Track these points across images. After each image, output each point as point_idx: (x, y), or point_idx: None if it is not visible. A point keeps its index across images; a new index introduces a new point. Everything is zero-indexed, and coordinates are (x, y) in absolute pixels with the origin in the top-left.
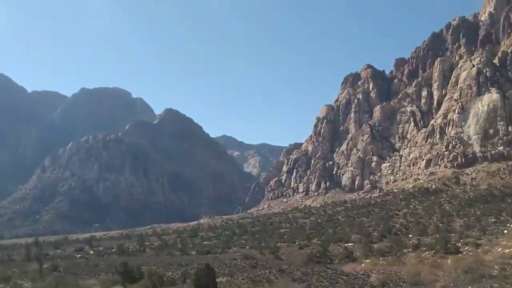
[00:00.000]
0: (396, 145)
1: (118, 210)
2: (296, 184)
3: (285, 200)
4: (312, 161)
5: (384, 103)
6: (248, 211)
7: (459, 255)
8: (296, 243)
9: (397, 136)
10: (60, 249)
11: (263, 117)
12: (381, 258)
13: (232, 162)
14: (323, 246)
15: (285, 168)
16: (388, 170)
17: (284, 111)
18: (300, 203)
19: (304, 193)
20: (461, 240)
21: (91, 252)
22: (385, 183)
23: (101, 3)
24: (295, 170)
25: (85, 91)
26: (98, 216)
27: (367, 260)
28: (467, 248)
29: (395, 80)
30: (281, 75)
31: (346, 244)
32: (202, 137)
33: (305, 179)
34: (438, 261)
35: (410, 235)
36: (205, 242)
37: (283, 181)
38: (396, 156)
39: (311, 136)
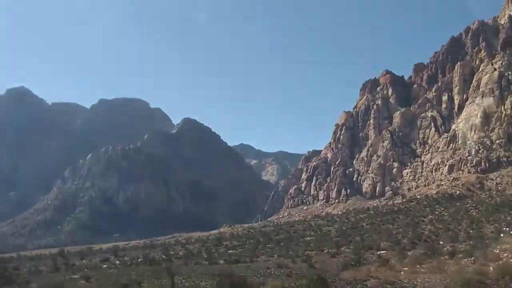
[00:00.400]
0: (417, 151)
1: (138, 219)
2: (316, 192)
3: (305, 207)
4: (332, 168)
5: (404, 109)
6: (268, 219)
7: (500, 262)
8: (325, 251)
9: (418, 141)
10: (86, 259)
11: (280, 124)
12: (417, 266)
13: (250, 170)
14: (357, 253)
15: (304, 176)
16: (409, 176)
17: (301, 119)
18: (321, 210)
19: (325, 200)
20: (498, 247)
21: (117, 262)
22: (407, 189)
23: (116, 16)
24: (314, 177)
25: (104, 102)
26: (118, 226)
27: (405, 268)
28: (506, 254)
29: (415, 86)
30: (296, 83)
31: (378, 252)
32: (220, 146)
33: (325, 186)
34: (481, 268)
35: (441, 242)
36: (230, 251)
37: (302, 188)
38: (417, 162)
39: (330, 143)
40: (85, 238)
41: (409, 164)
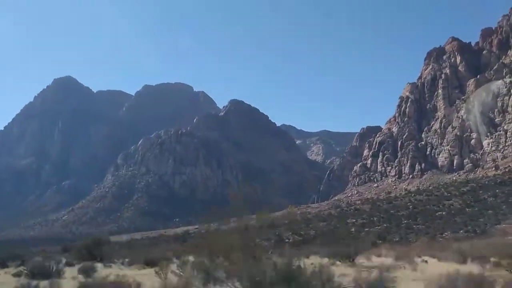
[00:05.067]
0: (496, 120)
1: (195, 203)
2: (383, 168)
3: (375, 185)
4: (399, 143)
5: (478, 76)
6: (336, 198)
7: None
8: None
9: (496, 110)
10: None
11: (320, 103)
12: None
13: (298, 151)
14: None
15: (367, 152)
16: (491, 147)
17: (343, 96)
18: (394, 187)
19: (397, 176)
20: None
21: None
22: (492, 160)
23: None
24: (381, 153)
25: (148, 88)
26: (177, 210)
27: None
28: None
29: (484, 51)
30: (337, 62)
31: None
32: (269, 126)
33: (395, 162)
34: None
35: None
36: (375, 229)
37: (368, 165)
38: (499, 131)
39: (394, 116)
40: (146, 224)
41: (488, 134)
